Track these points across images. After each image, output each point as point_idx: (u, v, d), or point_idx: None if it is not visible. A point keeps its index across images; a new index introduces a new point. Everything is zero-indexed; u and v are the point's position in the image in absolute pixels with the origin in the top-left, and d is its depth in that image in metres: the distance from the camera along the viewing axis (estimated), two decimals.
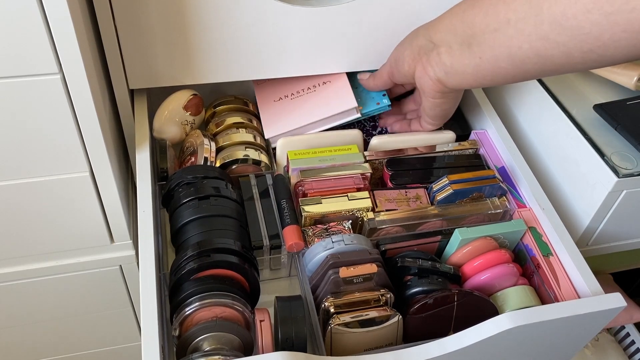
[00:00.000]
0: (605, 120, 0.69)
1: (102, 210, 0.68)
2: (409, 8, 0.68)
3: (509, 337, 0.53)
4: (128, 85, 0.68)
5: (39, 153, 0.59)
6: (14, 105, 0.54)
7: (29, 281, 0.75)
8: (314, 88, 0.75)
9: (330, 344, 0.57)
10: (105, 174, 0.63)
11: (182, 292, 0.56)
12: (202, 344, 0.54)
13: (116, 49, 0.64)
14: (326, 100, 0.74)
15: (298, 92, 0.75)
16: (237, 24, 0.65)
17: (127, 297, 0.83)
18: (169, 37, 0.64)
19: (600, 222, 0.71)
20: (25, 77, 0.52)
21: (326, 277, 0.58)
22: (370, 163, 0.70)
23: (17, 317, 0.82)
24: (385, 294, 0.58)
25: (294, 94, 0.75)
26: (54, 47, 0.50)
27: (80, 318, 0.85)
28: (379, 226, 0.64)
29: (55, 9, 0.48)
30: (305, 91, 0.75)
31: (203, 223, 0.61)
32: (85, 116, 0.57)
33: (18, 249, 0.71)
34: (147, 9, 0.61)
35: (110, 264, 0.76)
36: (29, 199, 0.64)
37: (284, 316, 0.56)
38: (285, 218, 0.64)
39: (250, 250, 0.61)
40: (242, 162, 0.70)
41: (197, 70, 0.68)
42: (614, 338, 1.10)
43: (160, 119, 0.72)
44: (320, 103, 0.74)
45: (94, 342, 0.92)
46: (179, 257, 0.58)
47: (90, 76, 0.54)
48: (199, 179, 0.64)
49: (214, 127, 0.75)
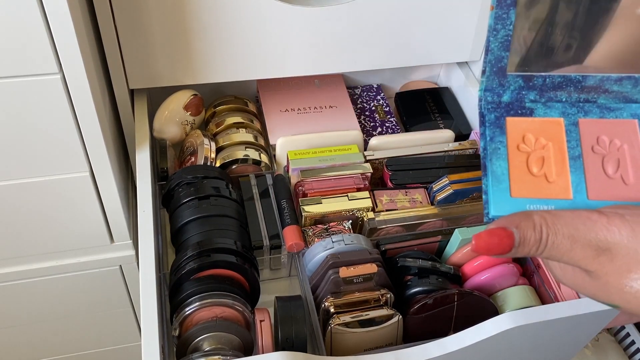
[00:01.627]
0: None
1: (102, 210, 0.68)
2: (409, 8, 0.68)
3: (509, 337, 0.53)
4: (128, 85, 0.68)
5: (39, 153, 0.59)
6: (13, 105, 0.54)
7: (29, 281, 0.75)
8: (320, 109, 0.78)
9: (330, 344, 0.56)
10: (105, 174, 0.63)
11: (182, 292, 0.55)
12: (202, 344, 0.54)
13: (116, 49, 0.64)
14: (332, 123, 0.77)
15: (305, 110, 0.77)
16: (237, 24, 0.65)
17: (127, 297, 0.83)
18: (169, 37, 0.64)
19: None
20: (25, 77, 0.52)
21: (326, 277, 0.58)
22: (370, 163, 0.69)
23: (16, 317, 0.82)
24: (385, 294, 0.58)
25: (300, 109, 0.77)
26: (54, 46, 0.50)
27: (80, 318, 0.85)
28: (379, 226, 0.64)
29: (55, 8, 0.48)
30: (312, 110, 0.78)
31: (203, 223, 0.61)
32: (85, 116, 0.57)
33: (18, 249, 0.71)
34: (147, 9, 0.61)
35: (110, 264, 0.76)
36: (29, 199, 0.64)
37: (284, 316, 0.55)
38: (286, 218, 0.64)
39: (250, 250, 0.61)
40: (242, 162, 0.70)
41: (197, 70, 0.68)
42: (614, 338, 1.09)
43: (161, 119, 0.72)
44: (326, 123, 0.76)
45: (93, 342, 0.92)
46: (179, 257, 0.57)
47: (90, 76, 0.54)
48: (199, 179, 0.64)
49: (214, 127, 0.75)
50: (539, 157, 0.41)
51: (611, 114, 0.42)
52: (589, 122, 0.42)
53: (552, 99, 0.42)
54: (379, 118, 0.81)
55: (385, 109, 0.83)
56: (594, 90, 0.42)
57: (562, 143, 0.41)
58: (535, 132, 0.41)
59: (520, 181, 0.39)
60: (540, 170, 0.40)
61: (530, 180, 0.40)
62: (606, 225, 0.35)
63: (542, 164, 0.40)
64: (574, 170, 0.40)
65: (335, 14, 0.66)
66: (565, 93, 0.42)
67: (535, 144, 0.41)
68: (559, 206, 0.39)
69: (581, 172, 0.40)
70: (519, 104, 0.42)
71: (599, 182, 0.39)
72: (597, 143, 0.41)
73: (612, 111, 0.42)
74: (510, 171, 0.40)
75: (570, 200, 0.39)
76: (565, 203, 0.39)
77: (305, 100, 0.79)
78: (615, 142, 0.41)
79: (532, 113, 0.42)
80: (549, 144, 0.41)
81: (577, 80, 0.41)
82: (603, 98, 0.42)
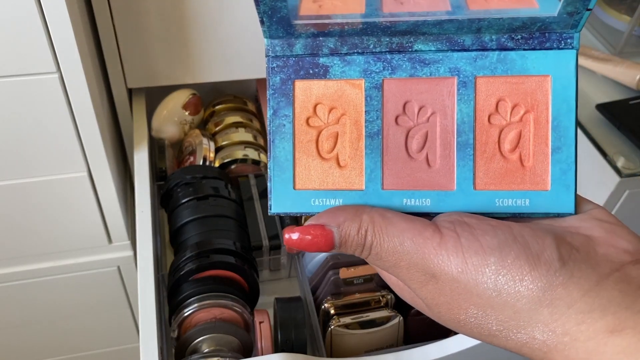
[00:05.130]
0: (607, 119, 0.69)
1: (100, 211, 0.67)
2: None
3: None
4: (126, 84, 0.68)
5: (36, 153, 0.59)
6: (10, 104, 0.54)
7: (26, 282, 0.75)
8: None
9: (330, 346, 0.56)
10: (103, 174, 0.63)
11: (181, 293, 0.55)
12: (201, 346, 0.54)
13: (114, 48, 0.64)
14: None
15: None
16: (237, 23, 0.64)
17: (125, 299, 0.83)
18: (168, 36, 0.64)
19: None
20: (23, 76, 0.52)
21: (326, 278, 0.58)
22: None
23: (13, 319, 0.82)
24: (385, 295, 0.58)
25: None
26: (51, 45, 0.50)
27: (77, 319, 0.85)
28: None
29: (53, 8, 0.48)
30: None
31: (202, 223, 0.60)
32: (83, 115, 0.56)
33: (14, 249, 0.70)
34: (146, 8, 0.61)
35: (108, 265, 0.76)
36: (26, 200, 0.63)
37: (284, 317, 0.55)
38: (285, 218, 0.64)
39: (249, 251, 0.61)
40: (241, 161, 0.70)
41: (196, 69, 0.68)
42: None
43: (159, 119, 0.72)
44: None
45: (91, 343, 0.92)
46: (178, 257, 0.57)
47: (88, 75, 0.54)
48: (197, 179, 0.64)
49: (213, 127, 0.74)
50: (332, 134, 0.31)
51: (425, 69, 0.31)
52: (395, 82, 0.32)
53: (355, 48, 0.31)
54: None
55: None
56: (409, 34, 0.31)
57: (359, 114, 0.31)
58: (330, 99, 0.31)
59: (307, 168, 0.31)
60: (331, 153, 0.31)
61: (319, 165, 0.31)
62: (436, 248, 0.28)
63: (334, 143, 0.32)
64: (370, 151, 0.31)
65: None
66: (374, 38, 0.31)
67: (329, 117, 0.31)
68: (348, 200, 0.31)
69: (378, 154, 0.31)
70: (312, 60, 0.31)
71: (398, 165, 0.31)
72: (404, 111, 0.31)
73: (426, 65, 0.31)
74: (296, 155, 0.31)
75: (362, 192, 0.31)
76: (355, 195, 0.31)
77: None
78: (425, 109, 0.31)
79: (327, 73, 0.31)
80: (346, 116, 0.31)
81: (386, 26, 0.31)
82: (420, 42, 0.32)
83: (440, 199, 0.30)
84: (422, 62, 0.31)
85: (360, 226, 0.29)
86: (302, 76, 0.31)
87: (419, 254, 0.28)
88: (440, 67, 0.31)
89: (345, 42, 0.31)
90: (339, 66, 0.31)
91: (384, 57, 0.32)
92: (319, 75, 0.32)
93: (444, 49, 0.31)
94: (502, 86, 0.30)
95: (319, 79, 0.32)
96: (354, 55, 0.32)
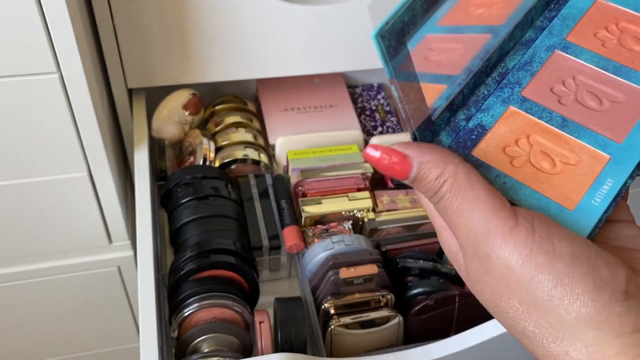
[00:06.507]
0: None
1: (100, 211, 0.67)
2: None
3: (510, 339, 0.52)
4: (126, 84, 0.68)
5: (36, 153, 0.59)
6: (10, 104, 0.54)
7: (26, 282, 0.75)
8: (320, 109, 0.77)
9: (331, 346, 0.56)
10: (103, 174, 0.63)
11: (181, 293, 0.55)
12: (201, 346, 0.54)
13: (114, 48, 0.64)
14: (332, 122, 0.76)
15: (305, 109, 0.77)
16: (237, 22, 0.64)
17: (125, 299, 0.83)
18: (168, 36, 0.64)
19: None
20: (23, 76, 0.52)
21: (326, 278, 0.58)
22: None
23: (12, 319, 0.82)
24: (385, 295, 0.58)
25: (300, 109, 0.77)
26: (51, 45, 0.50)
27: (77, 319, 0.85)
28: (379, 226, 0.64)
29: (53, 8, 0.48)
30: (312, 109, 0.77)
31: (202, 223, 0.60)
32: (83, 115, 0.56)
33: (14, 249, 0.70)
34: (146, 7, 0.61)
35: (108, 265, 0.76)
36: (26, 200, 0.63)
37: (284, 317, 0.55)
38: (285, 218, 0.64)
39: (249, 251, 0.61)
40: (241, 161, 0.70)
41: (196, 69, 0.68)
42: None
43: (159, 119, 0.71)
44: (326, 122, 0.75)
45: (91, 343, 0.92)
46: (178, 257, 0.57)
47: (88, 75, 0.54)
48: (197, 179, 0.64)
49: (213, 127, 0.74)
50: (540, 153, 0.33)
51: (535, 65, 0.35)
52: (532, 85, 0.35)
53: (481, 99, 0.34)
54: (379, 117, 0.80)
55: (386, 108, 0.82)
56: (499, 62, 0.35)
57: (536, 124, 0.33)
58: (506, 138, 0.33)
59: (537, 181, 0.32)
60: (552, 163, 0.33)
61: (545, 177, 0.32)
62: (506, 232, 0.27)
63: (547, 156, 0.33)
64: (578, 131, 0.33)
65: (336, 12, 0.66)
66: (483, 86, 0.35)
67: (522, 148, 0.33)
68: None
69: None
70: (465, 134, 0.34)
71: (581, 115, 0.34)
72: (563, 85, 0.35)
73: (533, 62, 0.36)
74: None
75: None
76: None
77: (305, 100, 0.78)
78: (570, 82, 0.35)
79: (484, 129, 0.33)
80: (530, 137, 0.33)
81: (480, 71, 0.34)
82: (509, 60, 0.36)
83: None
84: (529, 64, 0.35)
85: (442, 174, 0.29)
86: (471, 147, 0.33)
87: (484, 230, 0.27)
88: (540, 52, 0.36)
89: (468, 106, 0.34)
90: (485, 117, 0.34)
91: (503, 83, 0.35)
92: (482, 135, 0.33)
93: (525, 49, 0.36)
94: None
95: (484, 136, 0.33)
96: (486, 102, 0.34)
